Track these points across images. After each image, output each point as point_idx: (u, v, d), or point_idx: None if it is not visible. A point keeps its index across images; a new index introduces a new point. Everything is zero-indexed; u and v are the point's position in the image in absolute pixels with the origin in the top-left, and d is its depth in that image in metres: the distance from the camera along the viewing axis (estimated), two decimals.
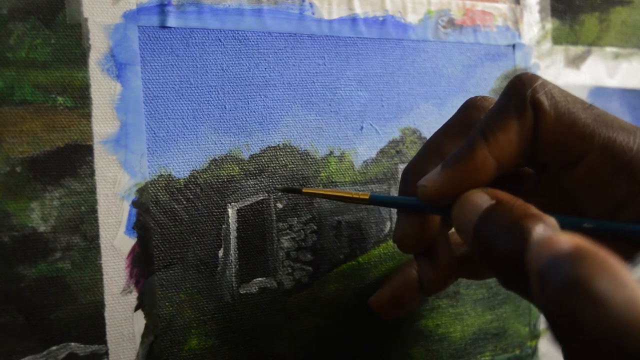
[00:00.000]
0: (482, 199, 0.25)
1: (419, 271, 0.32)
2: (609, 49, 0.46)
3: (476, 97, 0.31)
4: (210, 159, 0.32)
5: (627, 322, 0.18)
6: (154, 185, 0.31)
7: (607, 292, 0.18)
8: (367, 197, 0.30)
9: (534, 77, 0.27)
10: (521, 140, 0.27)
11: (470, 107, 0.31)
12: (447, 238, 0.31)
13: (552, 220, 0.24)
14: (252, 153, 0.33)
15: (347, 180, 0.36)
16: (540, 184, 0.29)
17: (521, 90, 0.27)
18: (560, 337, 0.19)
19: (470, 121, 0.29)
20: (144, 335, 0.30)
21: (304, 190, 0.31)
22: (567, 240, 0.20)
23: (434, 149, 0.30)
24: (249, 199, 0.33)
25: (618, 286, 0.18)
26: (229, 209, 0.33)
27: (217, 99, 0.33)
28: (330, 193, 0.31)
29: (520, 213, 0.24)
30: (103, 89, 0.30)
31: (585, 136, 0.27)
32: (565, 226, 0.26)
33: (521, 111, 0.27)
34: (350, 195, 0.30)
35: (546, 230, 0.23)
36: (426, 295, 0.34)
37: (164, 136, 0.31)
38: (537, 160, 0.28)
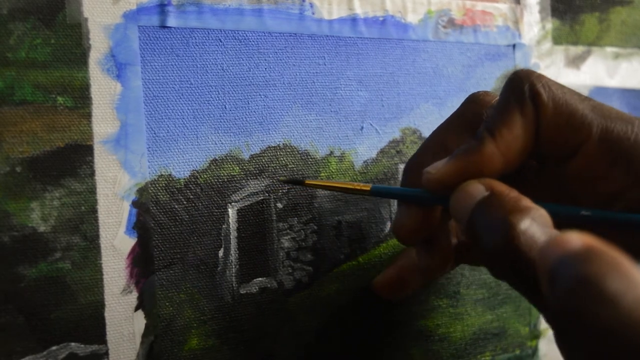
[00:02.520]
0: (477, 189, 0.26)
1: (417, 257, 0.32)
2: (609, 49, 0.46)
3: (478, 92, 0.31)
4: (211, 159, 0.32)
5: (638, 322, 0.18)
6: (154, 185, 0.31)
7: (618, 292, 0.18)
8: (368, 188, 0.31)
9: (531, 72, 0.28)
10: (526, 135, 0.27)
11: (472, 102, 0.31)
12: (447, 228, 0.31)
13: (542, 212, 0.24)
14: (252, 153, 0.33)
15: (347, 180, 0.36)
16: (542, 176, 0.29)
17: (519, 85, 0.27)
18: (569, 337, 0.19)
19: (471, 116, 0.30)
20: (144, 335, 0.30)
21: (307, 182, 0.32)
22: (577, 239, 0.20)
23: (436, 143, 0.31)
24: (249, 199, 0.33)
25: (629, 285, 0.18)
26: (229, 209, 0.33)
27: (217, 98, 0.32)
28: (333, 184, 0.32)
29: (510, 207, 0.24)
30: (103, 89, 0.30)
31: (583, 126, 0.27)
32: (562, 215, 0.26)
33: (522, 105, 0.27)
34: (352, 187, 0.31)
35: (532, 226, 0.23)
36: (427, 279, 0.34)
37: (164, 136, 0.31)
38: (538, 152, 0.28)
